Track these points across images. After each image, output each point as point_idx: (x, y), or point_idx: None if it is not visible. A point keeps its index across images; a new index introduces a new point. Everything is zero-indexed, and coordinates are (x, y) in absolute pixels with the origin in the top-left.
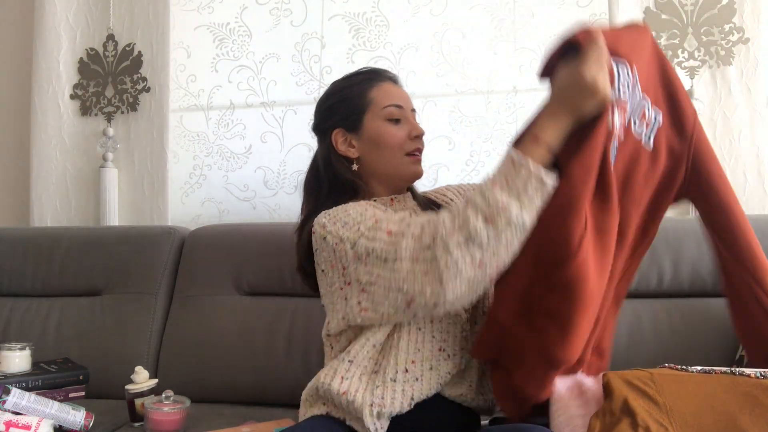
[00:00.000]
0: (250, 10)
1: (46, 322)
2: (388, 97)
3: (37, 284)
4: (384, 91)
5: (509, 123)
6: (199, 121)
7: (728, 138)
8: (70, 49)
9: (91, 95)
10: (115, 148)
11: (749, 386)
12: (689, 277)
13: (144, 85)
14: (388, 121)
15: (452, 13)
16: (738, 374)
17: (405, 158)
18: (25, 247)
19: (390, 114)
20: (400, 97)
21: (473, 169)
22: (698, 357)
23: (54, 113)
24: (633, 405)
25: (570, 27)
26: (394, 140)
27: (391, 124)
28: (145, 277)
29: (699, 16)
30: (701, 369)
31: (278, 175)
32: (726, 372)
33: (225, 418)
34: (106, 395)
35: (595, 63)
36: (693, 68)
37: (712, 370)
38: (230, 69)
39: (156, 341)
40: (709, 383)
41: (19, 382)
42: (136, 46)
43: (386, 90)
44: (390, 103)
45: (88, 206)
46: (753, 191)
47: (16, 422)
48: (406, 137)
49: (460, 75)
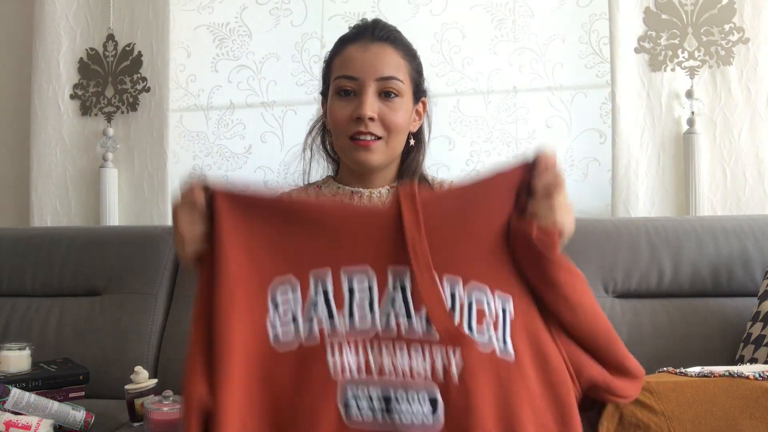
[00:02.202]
0: (250, 10)
1: (46, 322)
2: (342, 66)
3: (37, 284)
4: (343, 58)
5: (509, 123)
6: (199, 121)
7: (728, 138)
8: (70, 49)
9: (91, 95)
10: (115, 148)
11: (748, 389)
12: (689, 277)
13: (144, 85)
14: (337, 95)
15: (452, 13)
16: (737, 376)
17: (347, 141)
18: (25, 247)
19: (338, 86)
20: (360, 65)
21: (473, 169)
22: (698, 357)
23: (54, 113)
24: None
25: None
26: (336, 118)
27: (339, 99)
28: (145, 277)
29: (699, 16)
30: (699, 371)
31: (278, 175)
32: (724, 374)
33: None
34: (106, 395)
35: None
36: (693, 68)
37: (711, 372)
38: (230, 69)
39: (156, 341)
40: (708, 388)
41: (19, 382)
42: (136, 46)
43: (346, 56)
44: (340, 73)
45: (88, 206)
46: (753, 191)
47: (16, 422)
48: (349, 117)
49: (460, 75)
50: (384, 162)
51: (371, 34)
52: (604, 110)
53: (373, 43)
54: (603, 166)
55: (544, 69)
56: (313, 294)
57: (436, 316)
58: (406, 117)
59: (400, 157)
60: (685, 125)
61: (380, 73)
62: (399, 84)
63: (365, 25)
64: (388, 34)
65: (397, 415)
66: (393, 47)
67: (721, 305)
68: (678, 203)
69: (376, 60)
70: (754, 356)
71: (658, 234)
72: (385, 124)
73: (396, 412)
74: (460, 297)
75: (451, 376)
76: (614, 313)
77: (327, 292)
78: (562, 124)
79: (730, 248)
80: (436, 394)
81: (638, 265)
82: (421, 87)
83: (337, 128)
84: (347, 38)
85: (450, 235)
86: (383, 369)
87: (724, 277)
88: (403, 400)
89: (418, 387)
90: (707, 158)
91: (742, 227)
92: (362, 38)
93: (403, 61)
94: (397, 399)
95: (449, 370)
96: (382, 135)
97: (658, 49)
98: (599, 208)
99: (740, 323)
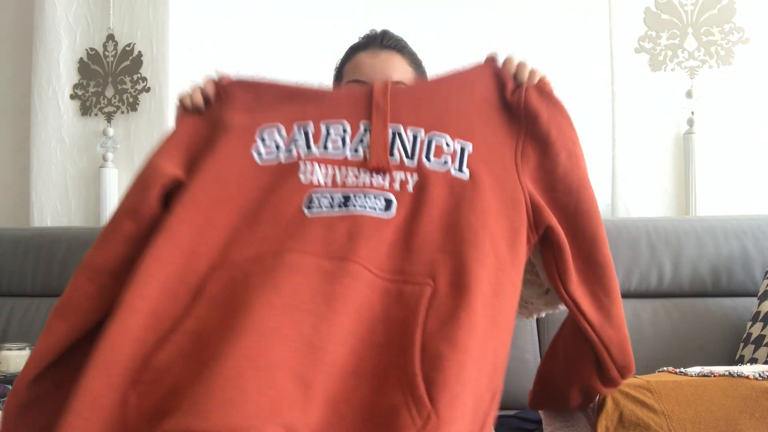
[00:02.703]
0: (251, 10)
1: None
2: (353, 71)
3: (37, 284)
4: (353, 64)
5: None
6: None
7: (728, 138)
8: (70, 49)
9: (91, 95)
10: (115, 148)
11: (748, 389)
12: (689, 277)
13: (144, 85)
14: None
15: (452, 13)
16: (736, 376)
17: None
18: (25, 247)
19: None
20: (370, 70)
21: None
22: (698, 357)
23: (54, 113)
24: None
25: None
26: None
27: None
28: None
29: (699, 16)
30: (699, 371)
31: None
32: (724, 374)
33: None
34: None
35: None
36: (693, 68)
37: (711, 372)
38: (230, 69)
39: None
40: (707, 387)
41: None
42: (136, 46)
43: (356, 62)
44: (350, 78)
45: (88, 206)
46: (753, 191)
47: None
48: None
49: None
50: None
51: (380, 42)
52: (604, 110)
53: (382, 51)
54: (603, 166)
55: (544, 69)
56: (296, 132)
57: (374, 150)
58: None
59: None
60: (685, 125)
61: (389, 77)
62: None
63: (374, 35)
64: (396, 43)
65: (353, 206)
66: (401, 55)
67: (721, 305)
68: (678, 203)
69: (385, 66)
70: (754, 356)
71: (658, 234)
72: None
73: (352, 205)
74: (421, 139)
75: (406, 188)
76: None
77: (308, 132)
78: None
79: (730, 248)
80: (392, 197)
81: (638, 265)
82: None
83: None
84: (358, 46)
85: (417, 104)
86: (346, 183)
87: (724, 277)
88: (360, 198)
89: (375, 192)
90: (707, 158)
91: (742, 227)
92: (372, 46)
93: (410, 68)
94: (355, 197)
95: (405, 185)
96: None
97: (658, 49)
98: (599, 208)
99: (740, 323)
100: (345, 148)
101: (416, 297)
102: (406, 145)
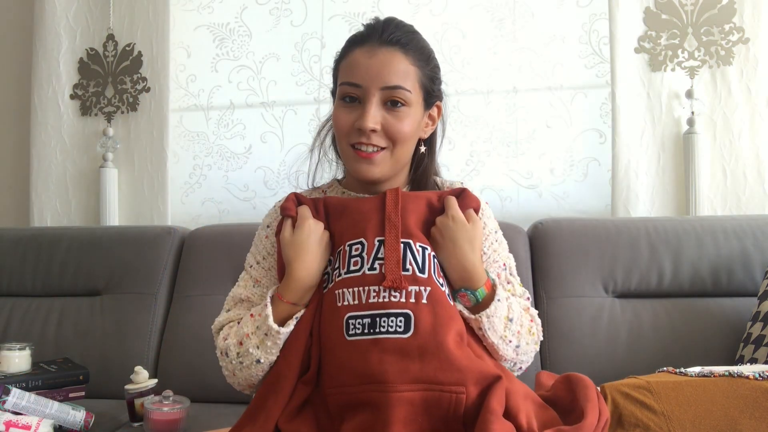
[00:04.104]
0: (250, 10)
1: (46, 322)
2: (348, 71)
3: (37, 284)
4: (349, 63)
5: (509, 123)
6: (199, 121)
7: (728, 138)
8: (70, 49)
9: (91, 95)
10: (115, 148)
11: (748, 389)
12: (689, 277)
13: (144, 85)
14: (341, 101)
15: (452, 13)
16: (737, 376)
17: (349, 150)
18: (25, 247)
19: (343, 92)
20: (365, 72)
21: (473, 169)
22: (698, 357)
23: (54, 113)
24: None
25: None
26: (339, 125)
27: (343, 105)
28: (145, 277)
29: (699, 16)
30: (699, 371)
31: (278, 175)
32: (724, 374)
33: (225, 417)
34: (106, 395)
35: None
36: (693, 68)
37: (711, 372)
38: (230, 69)
39: (156, 341)
40: (707, 388)
41: (19, 382)
42: (136, 46)
43: (352, 61)
44: (345, 79)
45: (88, 206)
46: (753, 191)
47: (16, 422)
48: (351, 125)
49: (460, 75)
50: (388, 173)
51: (380, 36)
52: (604, 110)
53: (381, 48)
54: (603, 166)
55: (544, 69)
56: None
57: (389, 267)
58: (413, 126)
59: (410, 164)
60: (685, 125)
61: (386, 81)
62: (405, 93)
63: (375, 26)
64: (399, 37)
65: (379, 328)
66: (403, 52)
67: (721, 305)
68: (678, 203)
69: (382, 68)
70: (754, 356)
71: (658, 234)
72: (390, 135)
73: (378, 327)
74: (428, 253)
75: (421, 300)
76: (614, 313)
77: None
78: (562, 124)
79: (730, 248)
80: (410, 314)
81: (638, 265)
82: (434, 92)
83: (339, 134)
84: (356, 40)
85: (422, 217)
86: (369, 301)
87: (724, 277)
88: (384, 320)
89: (395, 310)
90: (707, 158)
91: (742, 227)
92: (370, 41)
93: (413, 68)
94: (380, 320)
95: (420, 297)
96: (386, 145)
97: (658, 49)
98: (599, 208)
99: (740, 323)
100: (363, 264)
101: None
102: (417, 259)
